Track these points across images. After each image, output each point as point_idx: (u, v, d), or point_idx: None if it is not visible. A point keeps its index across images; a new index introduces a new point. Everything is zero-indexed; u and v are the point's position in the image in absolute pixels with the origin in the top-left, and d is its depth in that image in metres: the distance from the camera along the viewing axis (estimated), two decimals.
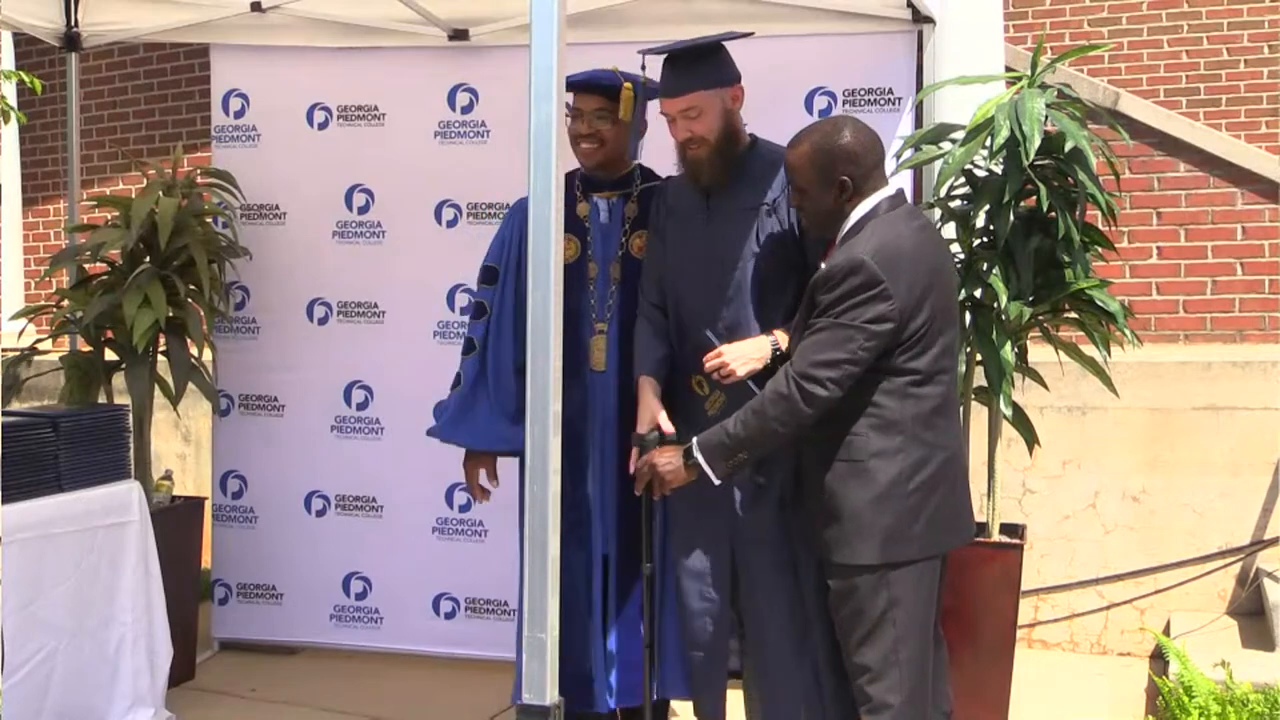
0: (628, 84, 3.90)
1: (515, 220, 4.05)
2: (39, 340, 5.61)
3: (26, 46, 7.93)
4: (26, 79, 7.39)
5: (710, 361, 3.55)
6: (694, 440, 3.36)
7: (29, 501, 4.11)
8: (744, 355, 3.54)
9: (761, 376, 3.48)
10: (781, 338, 3.57)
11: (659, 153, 3.95)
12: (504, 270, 4.04)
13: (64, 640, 4.21)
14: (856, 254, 3.26)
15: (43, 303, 5.85)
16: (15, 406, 5.34)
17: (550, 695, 2.31)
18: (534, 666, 2.32)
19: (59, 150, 8.22)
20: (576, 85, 3.91)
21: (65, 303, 5.28)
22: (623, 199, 4.03)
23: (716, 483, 3.37)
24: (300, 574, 5.44)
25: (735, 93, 3.78)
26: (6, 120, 7.41)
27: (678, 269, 3.79)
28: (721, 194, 3.75)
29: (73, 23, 5.39)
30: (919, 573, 3.40)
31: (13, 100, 7.55)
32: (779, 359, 3.51)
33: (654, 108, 3.86)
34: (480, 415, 3.99)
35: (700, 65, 3.72)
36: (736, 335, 3.63)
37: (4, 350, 5.83)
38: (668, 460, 3.42)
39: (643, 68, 3.83)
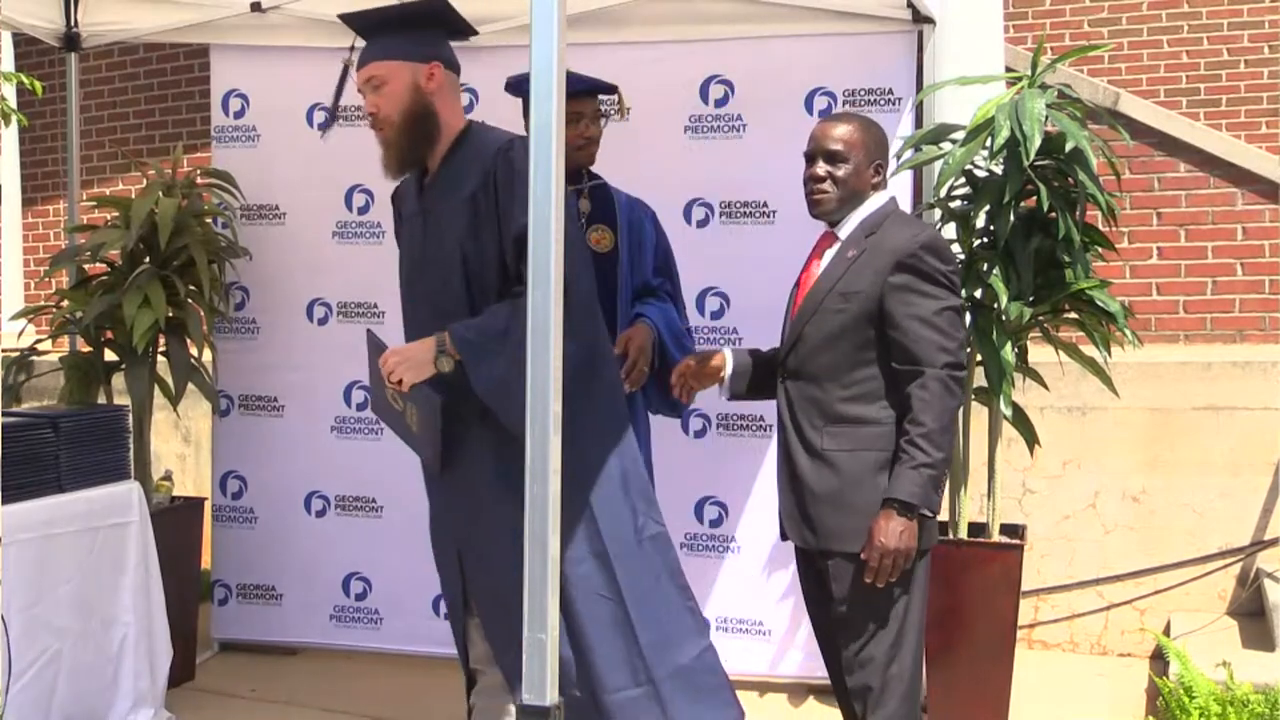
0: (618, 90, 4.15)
1: None
2: (39, 341, 5.62)
3: (26, 47, 7.93)
4: (26, 80, 7.39)
5: (384, 368, 3.29)
6: (898, 500, 3.22)
7: (29, 502, 4.12)
8: (408, 359, 3.26)
9: (437, 382, 3.21)
10: (449, 337, 3.23)
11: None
12: None
13: (67, 641, 4.21)
14: (927, 235, 3.38)
15: (42, 303, 5.85)
16: (15, 407, 5.34)
17: (550, 695, 2.31)
18: (534, 667, 2.32)
19: (59, 151, 8.22)
20: (580, 90, 3.98)
21: (65, 303, 5.28)
22: (575, 195, 4.16)
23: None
24: (300, 574, 5.44)
25: (431, 70, 3.44)
26: (7, 121, 7.40)
27: (402, 277, 3.62)
28: (433, 188, 3.50)
29: (72, 23, 5.39)
30: (928, 563, 3.45)
31: (13, 101, 7.55)
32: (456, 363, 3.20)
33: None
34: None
35: (388, 35, 3.49)
36: None
37: (4, 351, 5.82)
38: (898, 533, 3.22)
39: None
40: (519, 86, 4.14)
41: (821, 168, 3.44)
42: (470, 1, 5.02)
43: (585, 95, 4.07)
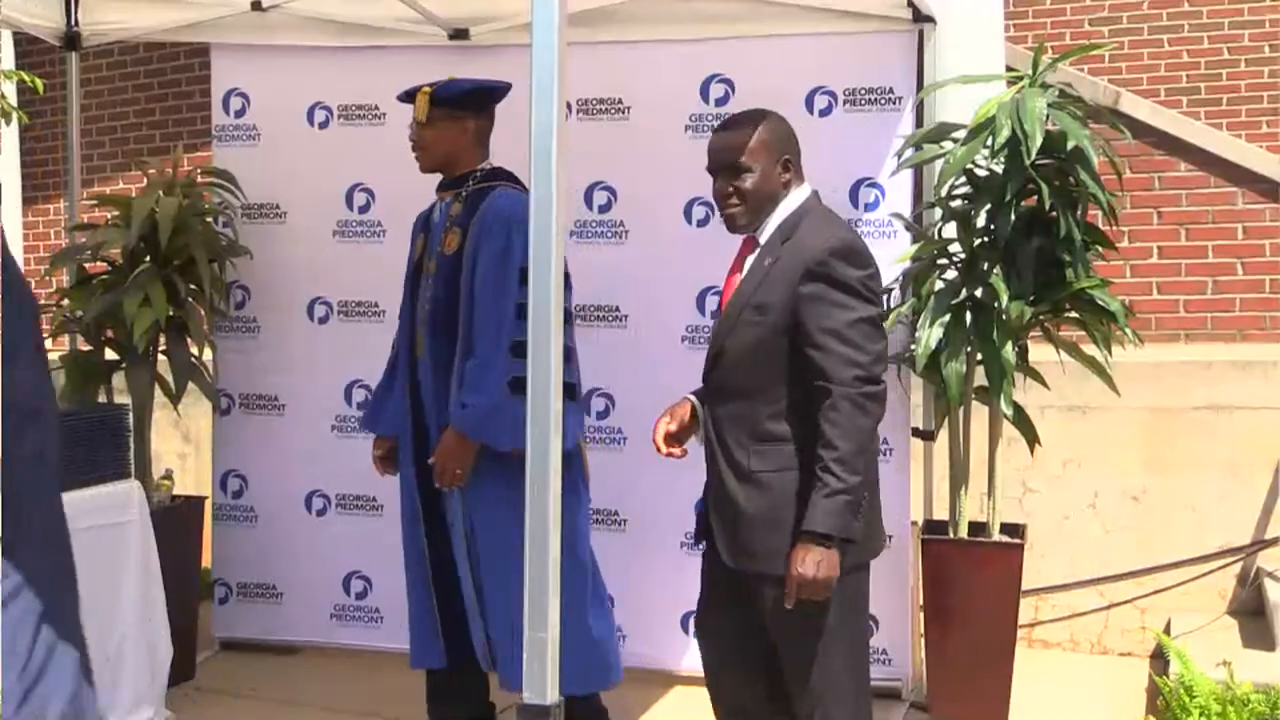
0: (425, 89, 4.11)
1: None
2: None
3: (27, 46, 7.92)
4: (27, 79, 7.39)
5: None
6: (814, 530, 3.04)
7: None
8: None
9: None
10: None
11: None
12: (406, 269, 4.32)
13: None
14: (841, 237, 3.22)
15: (43, 302, 5.85)
16: None
17: (551, 695, 2.31)
18: (535, 666, 2.32)
19: (59, 149, 8.21)
20: (402, 99, 4.20)
21: (66, 302, 5.28)
22: (453, 199, 4.20)
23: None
24: (301, 573, 5.43)
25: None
26: (7, 120, 7.40)
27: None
28: None
29: (73, 22, 5.39)
30: (864, 580, 3.33)
31: (13, 100, 7.55)
32: None
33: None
34: (375, 403, 4.43)
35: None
36: None
37: None
38: (816, 564, 3.04)
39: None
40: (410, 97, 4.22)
41: (725, 184, 3.27)
42: (471, 1, 5.07)
43: (405, 102, 4.22)
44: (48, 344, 5.43)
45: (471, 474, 4.02)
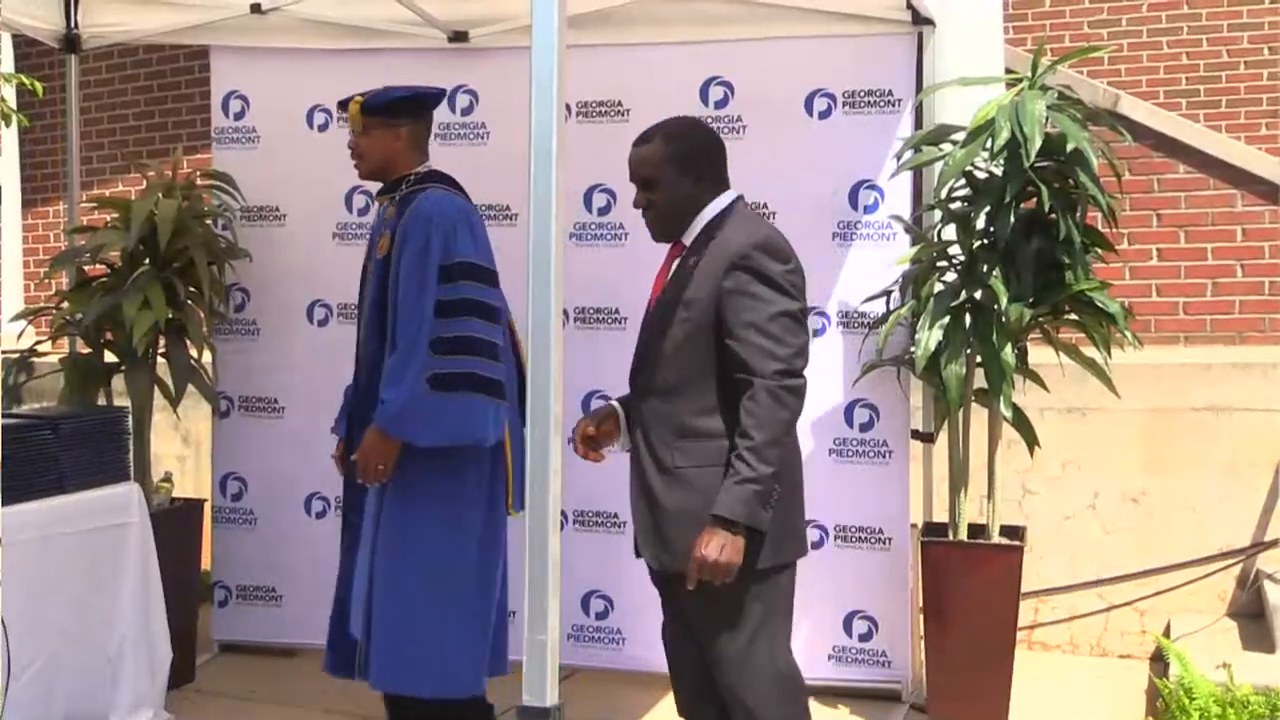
0: (357, 98, 4.15)
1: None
2: (39, 342, 5.62)
3: (26, 48, 7.93)
4: (26, 81, 7.39)
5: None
6: (721, 514, 3.06)
7: (29, 503, 4.11)
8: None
9: None
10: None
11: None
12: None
13: (67, 642, 4.21)
14: (764, 233, 3.24)
15: (43, 304, 5.85)
16: (15, 408, 5.35)
17: (551, 697, 2.31)
18: (534, 668, 2.32)
19: (59, 152, 8.21)
20: (342, 105, 4.26)
21: (65, 304, 5.28)
22: (388, 203, 4.22)
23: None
24: (300, 576, 5.42)
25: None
26: (7, 122, 7.40)
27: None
28: None
29: (72, 24, 5.39)
30: (787, 583, 3.31)
31: (13, 102, 7.55)
32: None
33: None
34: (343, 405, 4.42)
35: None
36: None
37: (4, 352, 5.83)
38: (720, 547, 3.06)
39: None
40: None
41: (640, 197, 3.35)
42: (470, 3, 5.08)
43: (342, 108, 4.26)
44: (47, 346, 5.46)
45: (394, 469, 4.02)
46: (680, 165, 3.29)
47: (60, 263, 5.45)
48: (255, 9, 5.19)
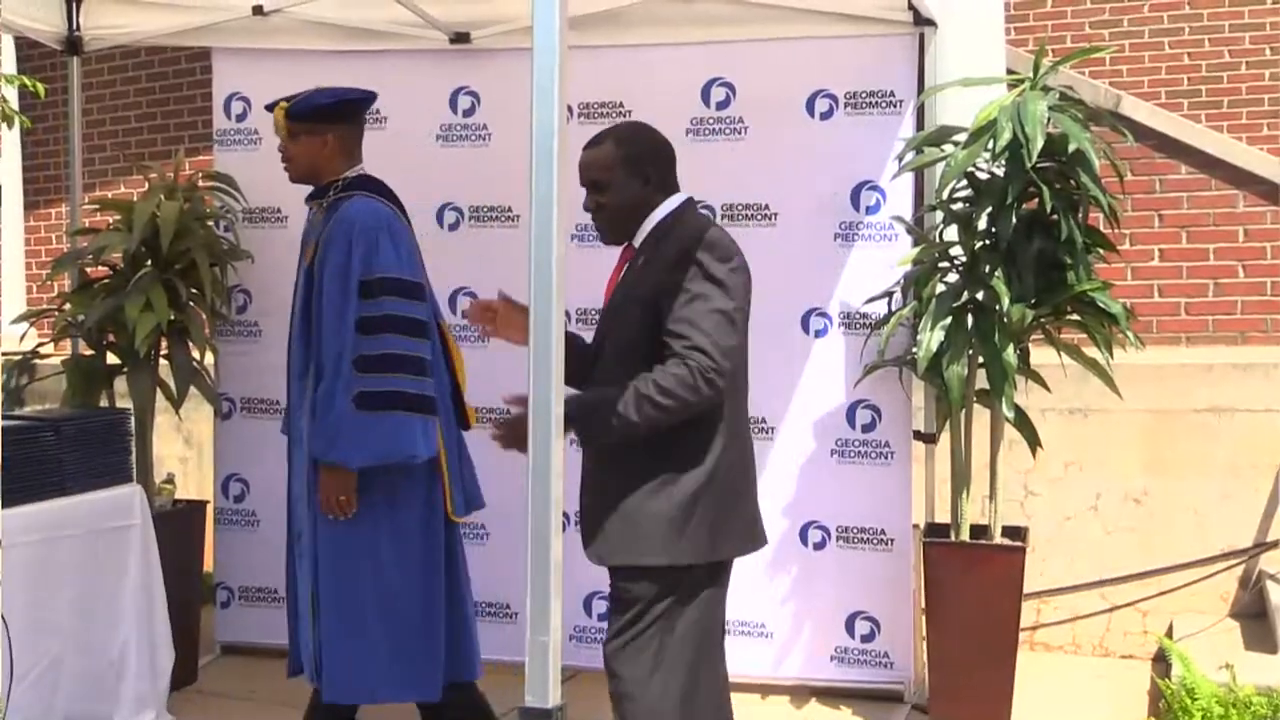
0: (281, 103, 4.16)
1: None
2: (41, 344, 5.62)
3: (28, 50, 7.94)
4: (28, 83, 7.39)
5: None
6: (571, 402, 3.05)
7: (31, 505, 4.11)
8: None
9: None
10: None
11: None
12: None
13: (69, 644, 4.21)
14: (694, 234, 3.22)
15: (45, 306, 5.86)
16: (17, 410, 5.34)
17: (553, 698, 2.31)
18: (536, 669, 2.32)
19: (61, 154, 8.21)
20: (270, 109, 4.25)
21: (67, 306, 5.28)
22: (315, 210, 4.21)
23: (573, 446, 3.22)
24: None
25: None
26: (9, 124, 7.38)
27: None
28: None
29: (74, 26, 5.39)
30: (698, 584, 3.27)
31: (15, 104, 7.55)
32: None
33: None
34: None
35: None
36: None
37: (6, 354, 5.82)
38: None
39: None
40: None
41: (590, 199, 3.36)
42: (472, 5, 5.07)
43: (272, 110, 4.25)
44: (49, 348, 5.45)
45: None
46: (631, 168, 3.30)
47: (62, 264, 5.45)
48: (257, 11, 5.20)
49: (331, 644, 4.04)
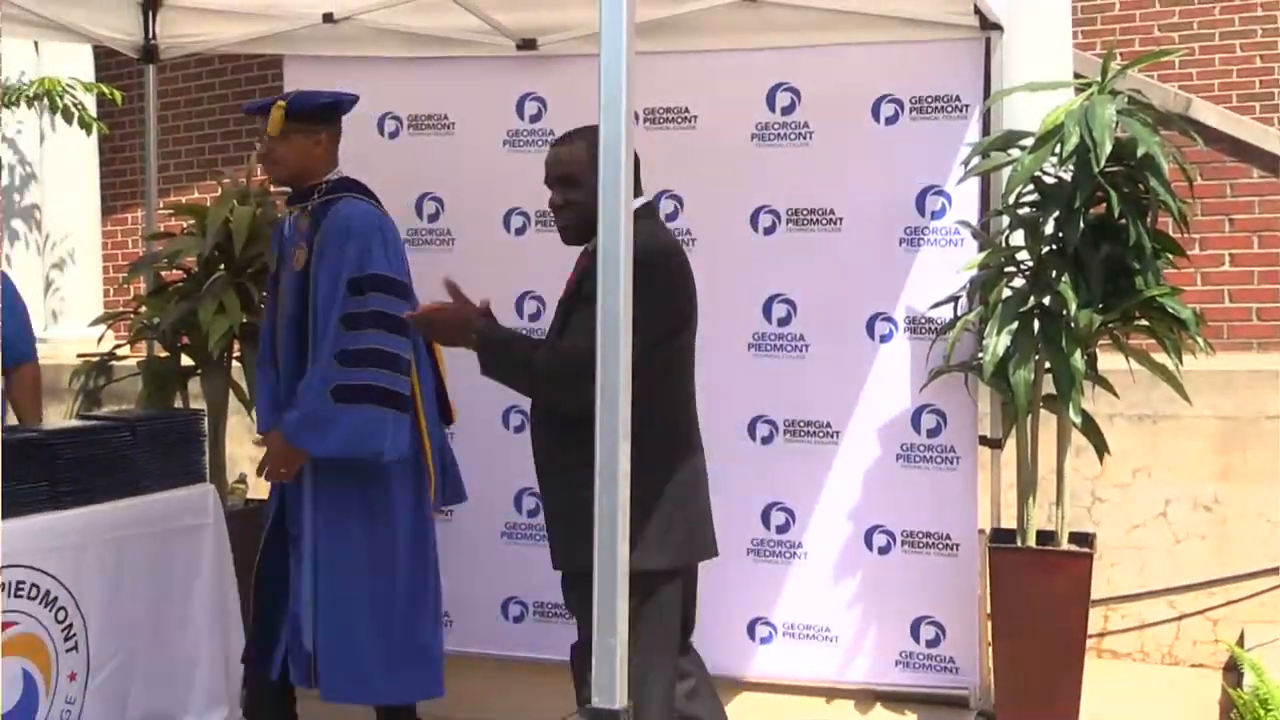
0: (279, 102, 4.10)
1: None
2: (118, 346, 5.70)
3: (106, 59, 8.06)
4: (106, 91, 7.53)
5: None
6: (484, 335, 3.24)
7: (108, 504, 4.18)
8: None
9: None
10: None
11: None
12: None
13: (143, 641, 4.27)
14: (642, 243, 3.19)
15: (121, 309, 5.94)
16: (94, 410, 5.43)
17: (619, 699, 2.32)
18: (604, 671, 2.33)
19: (137, 160, 8.35)
20: (250, 110, 4.23)
21: (143, 309, 5.36)
22: (299, 213, 4.18)
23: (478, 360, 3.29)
24: None
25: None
26: (88, 131, 7.55)
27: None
28: None
29: (150, 35, 5.47)
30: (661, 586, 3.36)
31: (93, 111, 7.69)
32: None
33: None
34: (260, 404, 4.34)
35: None
36: None
37: (84, 356, 5.92)
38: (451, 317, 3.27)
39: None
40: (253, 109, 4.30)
41: (558, 196, 3.34)
42: (539, 12, 5.10)
43: (255, 114, 4.22)
44: (126, 350, 5.53)
45: (321, 481, 4.06)
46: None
47: (138, 269, 5.53)
48: (328, 18, 5.26)
49: (331, 644, 4.07)
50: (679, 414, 3.37)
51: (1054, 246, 4.38)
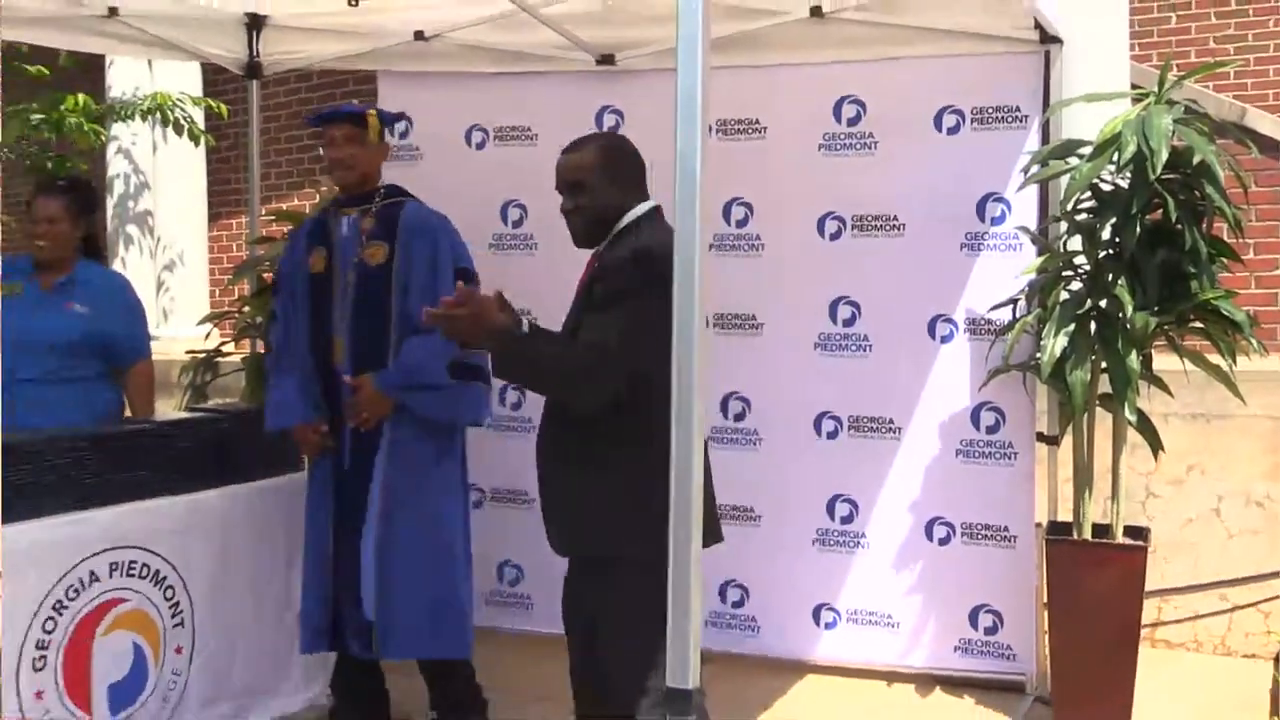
0: (372, 112, 4.21)
1: (289, 240, 4.46)
2: (223, 343, 5.80)
3: (213, 75, 8.18)
4: (213, 105, 7.65)
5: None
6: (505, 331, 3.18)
7: (213, 491, 4.26)
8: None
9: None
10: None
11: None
12: (282, 281, 4.39)
13: (245, 620, 4.34)
14: (642, 243, 3.22)
15: (226, 309, 6.03)
16: (200, 403, 5.52)
17: (692, 680, 2.33)
18: (678, 654, 2.34)
19: (241, 169, 8.47)
20: (325, 118, 4.28)
21: (246, 309, 5.44)
22: (360, 215, 4.23)
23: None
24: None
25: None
26: (196, 142, 7.67)
27: None
28: None
29: (254, 53, 5.55)
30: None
31: (201, 124, 7.81)
32: None
33: None
34: (289, 398, 4.24)
35: None
36: None
37: (191, 353, 6.02)
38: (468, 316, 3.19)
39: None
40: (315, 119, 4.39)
41: (568, 200, 3.35)
42: (617, 29, 5.11)
43: (333, 122, 4.25)
44: (230, 347, 5.61)
45: (399, 437, 4.12)
46: (609, 173, 3.31)
47: (242, 271, 5.62)
48: (419, 36, 5.31)
49: (400, 604, 4.12)
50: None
51: (1111, 251, 4.32)
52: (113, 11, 5.00)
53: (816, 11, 4.81)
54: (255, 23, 5.47)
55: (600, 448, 3.21)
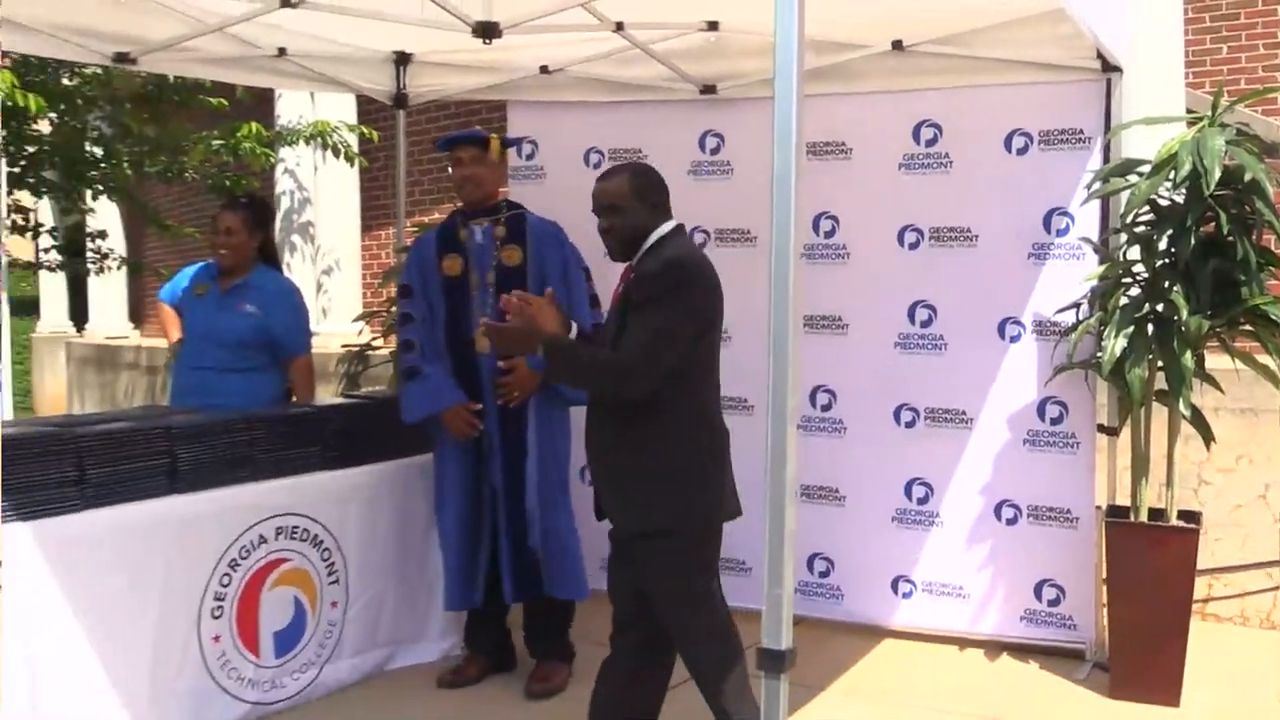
0: (494, 135, 4.29)
1: (415, 251, 4.45)
2: (374, 338, 5.90)
3: (365, 105, 8.32)
4: (366, 131, 7.79)
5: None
6: (551, 339, 3.22)
7: (366, 466, 4.35)
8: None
9: None
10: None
11: None
12: (415, 287, 4.35)
13: (392, 579, 4.43)
14: (671, 255, 3.24)
15: (376, 309, 6.13)
16: (354, 391, 5.62)
17: (785, 641, 2.33)
18: (772, 617, 2.34)
19: (389, 187, 8.59)
20: (454, 141, 4.32)
21: (394, 309, 5.52)
22: (492, 224, 4.30)
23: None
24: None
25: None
26: (351, 163, 7.82)
27: None
28: None
29: (401, 85, 5.63)
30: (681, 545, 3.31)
31: (355, 147, 7.96)
32: None
33: None
34: (442, 385, 4.26)
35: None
36: None
37: (346, 347, 6.14)
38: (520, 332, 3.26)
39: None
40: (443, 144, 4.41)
41: (604, 221, 3.34)
42: (719, 62, 5.11)
43: (462, 144, 4.30)
44: (380, 342, 5.70)
45: (543, 411, 4.26)
46: (640, 196, 3.32)
47: (390, 275, 5.71)
48: (544, 70, 5.35)
49: (557, 553, 4.26)
50: (712, 395, 3.35)
51: (1167, 260, 4.22)
52: (282, 52, 5.11)
53: (898, 45, 4.76)
54: (402, 60, 5.55)
55: (635, 437, 3.24)
